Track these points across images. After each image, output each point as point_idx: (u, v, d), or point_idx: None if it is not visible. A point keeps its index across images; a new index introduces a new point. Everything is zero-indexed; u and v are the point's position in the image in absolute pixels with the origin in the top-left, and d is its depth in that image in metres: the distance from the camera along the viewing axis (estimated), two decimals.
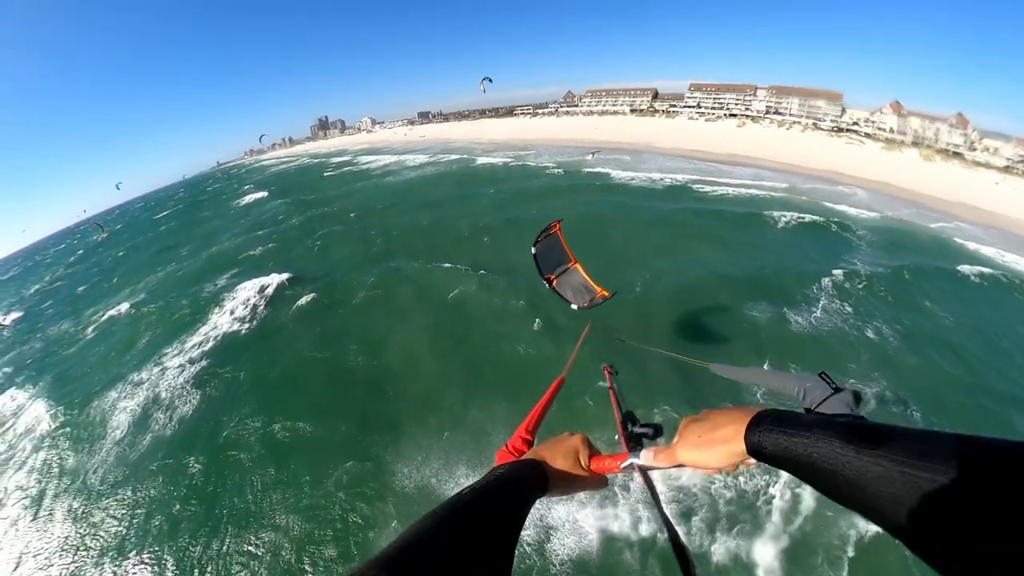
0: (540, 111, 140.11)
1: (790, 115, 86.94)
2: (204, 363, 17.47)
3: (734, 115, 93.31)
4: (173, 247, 42.39)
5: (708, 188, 37.92)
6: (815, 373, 1.75)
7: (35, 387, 20.11)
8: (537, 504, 1.15)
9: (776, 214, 28.48)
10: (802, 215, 28.59)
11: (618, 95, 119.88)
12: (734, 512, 9.29)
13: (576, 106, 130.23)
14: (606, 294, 9.27)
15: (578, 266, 9.92)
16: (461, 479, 10.57)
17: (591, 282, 9.56)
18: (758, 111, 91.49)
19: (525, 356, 14.60)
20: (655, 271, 19.98)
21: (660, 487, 9.64)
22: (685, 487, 9.73)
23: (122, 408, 16.48)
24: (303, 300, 20.37)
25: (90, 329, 25.78)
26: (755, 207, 31.12)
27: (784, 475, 9.49)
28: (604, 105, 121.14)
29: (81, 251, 71.86)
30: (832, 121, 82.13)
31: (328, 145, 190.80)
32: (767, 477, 9.84)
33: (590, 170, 46.51)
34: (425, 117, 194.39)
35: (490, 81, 61.83)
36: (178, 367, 17.68)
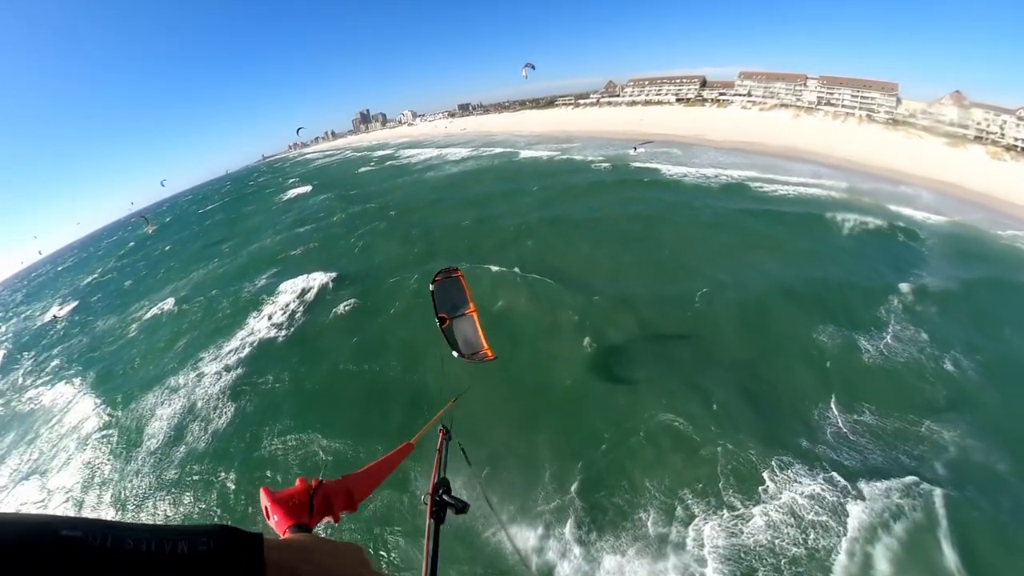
0: (581, 101, 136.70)
1: (842, 106, 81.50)
2: (240, 371, 16.79)
3: (785, 105, 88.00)
4: (216, 243, 42.86)
5: (766, 186, 35.09)
6: None
7: (82, 383, 20.52)
8: None
9: (839, 217, 25.84)
10: (865, 218, 25.76)
11: (663, 84, 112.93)
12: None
13: (618, 96, 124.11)
14: (489, 355, 8.51)
15: (474, 315, 8.99)
16: (503, 527, 9.34)
17: (482, 336, 8.75)
18: (809, 102, 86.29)
19: (575, 385, 13.11)
20: (713, 282, 18.08)
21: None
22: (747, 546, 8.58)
23: (159, 415, 16.14)
24: (342, 306, 19.43)
25: (134, 326, 25.98)
26: (816, 208, 28.52)
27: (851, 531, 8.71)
28: (648, 94, 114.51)
29: (132, 243, 74.71)
30: (886, 113, 75.77)
31: (370, 138, 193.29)
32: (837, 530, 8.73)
33: (639, 165, 44.13)
34: (465, 109, 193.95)
35: (533, 68, 59.63)
36: (214, 374, 17.08)
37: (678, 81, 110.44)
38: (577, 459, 10.81)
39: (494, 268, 19.92)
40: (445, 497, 1.78)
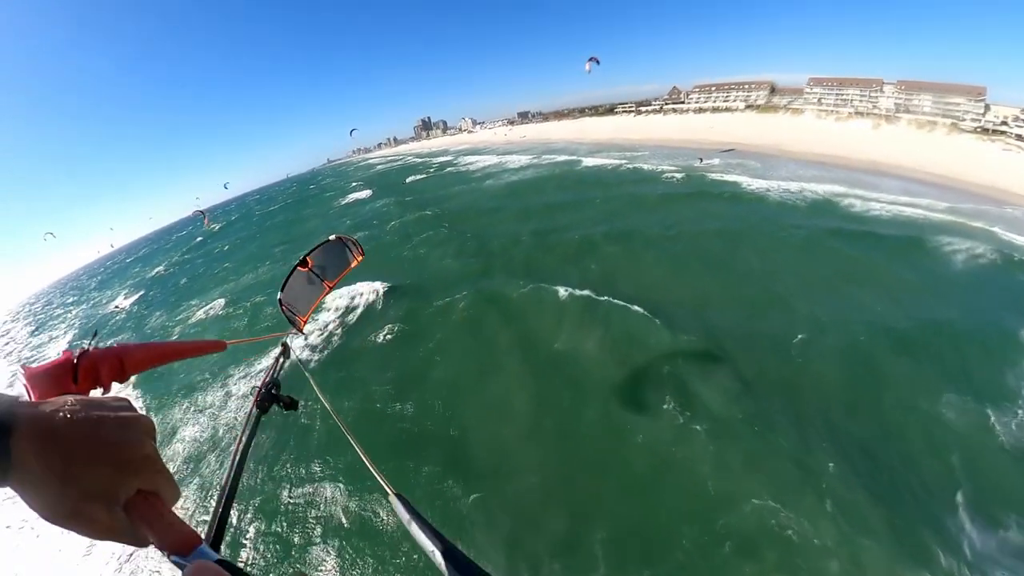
0: (643, 108, 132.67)
1: (922, 113, 73.53)
2: (303, 383, 15.01)
3: (861, 113, 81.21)
4: (272, 245, 42.95)
5: (857, 204, 30.75)
6: None
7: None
8: None
9: (944, 244, 21.59)
10: (974, 246, 21.21)
11: (730, 89, 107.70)
12: None
13: (682, 102, 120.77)
14: (302, 328, 5.66)
15: (326, 289, 6.20)
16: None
17: (311, 309, 5.98)
18: (887, 109, 79.05)
19: (651, 458, 10.21)
20: (811, 323, 14.80)
21: None
22: None
23: (181, 436, 14.88)
24: (382, 332, 17.38)
25: (178, 328, 25.44)
26: (915, 231, 24.25)
27: None
28: (715, 101, 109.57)
29: (199, 239, 77.90)
30: (973, 121, 67.20)
31: (431, 145, 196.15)
32: None
33: (716, 176, 40.30)
34: (525, 117, 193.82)
35: (597, 63, 56.12)
36: (241, 397, 15.46)
37: (746, 87, 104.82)
38: (644, 569, 8.05)
39: (559, 290, 17.32)
40: (274, 391, 1.90)
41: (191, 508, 11.53)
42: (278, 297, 5.30)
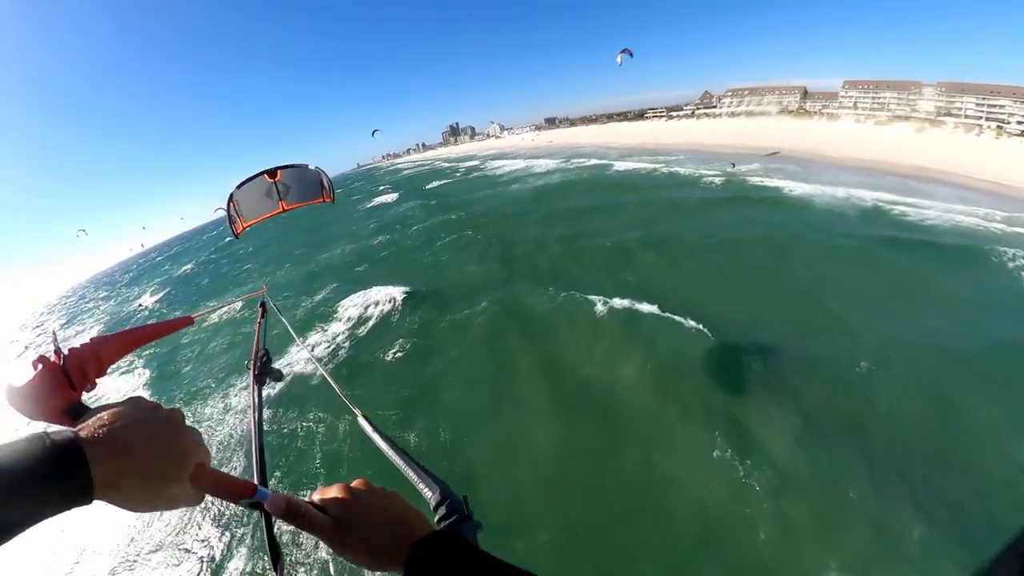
0: (674, 114, 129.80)
1: (965, 116, 69.54)
2: (265, 412, 13.70)
3: (901, 117, 77.31)
4: (294, 246, 42.73)
5: (909, 212, 28.22)
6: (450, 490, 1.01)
7: (141, 376, 21.11)
8: None
9: (1009, 255, 19.20)
10: None
11: (763, 94, 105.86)
12: None
13: (714, 107, 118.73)
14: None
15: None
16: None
17: (256, 218, 5.14)
18: (927, 112, 75.16)
19: (701, 513, 8.33)
20: (874, 345, 12.78)
21: None
22: None
23: None
24: (395, 342, 16.02)
25: (193, 328, 24.78)
26: (976, 241, 21.81)
27: None
28: (747, 105, 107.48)
29: (228, 239, 79.06)
30: (1019, 123, 63.75)
31: (458, 150, 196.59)
32: None
33: (758, 181, 37.91)
34: (552, 123, 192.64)
35: (631, 55, 53.48)
36: (239, 411, 14.38)
37: (779, 91, 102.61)
38: None
39: (593, 302, 15.60)
40: (267, 361, 1.91)
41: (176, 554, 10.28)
42: (230, 192, 4.65)
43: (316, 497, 0.83)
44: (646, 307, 14.85)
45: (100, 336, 1.08)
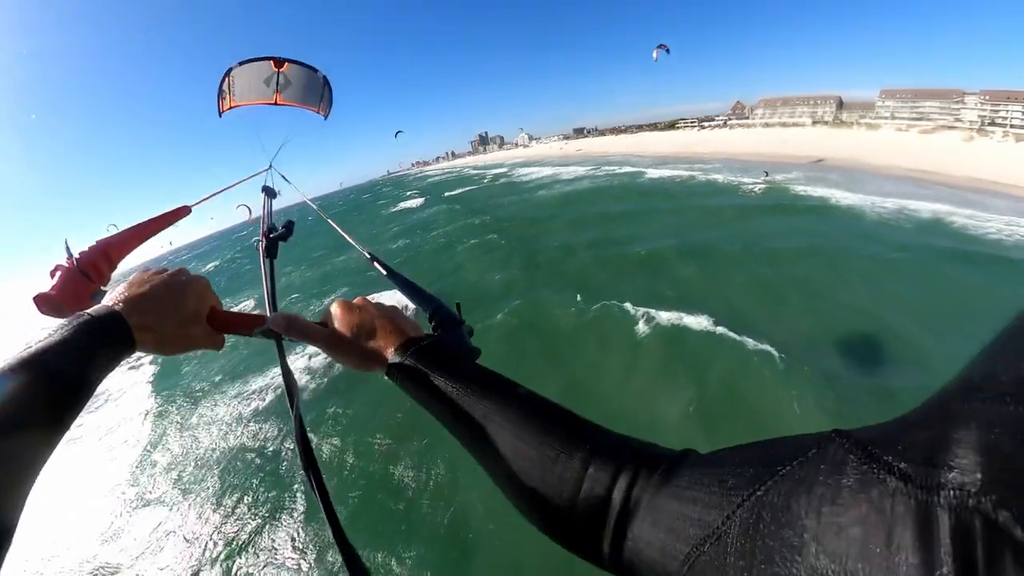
0: (706, 124, 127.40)
1: (1011, 126, 66.30)
2: (250, 427, 12.68)
3: (942, 126, 74.06)
4: (314, 248, 42.38)
5: (970, 224, 25.81)
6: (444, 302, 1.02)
7: (142, 371, 20.48)
8: None
9: None
10: None
11: (796, 104, 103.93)
12: None
13: (746, 118, 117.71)
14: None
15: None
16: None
17: (244, 101, 4.50)
18: (971, 121, 71.58)
19: None
20: (948, 373, 10.28)
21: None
22: None
23: (164, 446, 13.32)
24: None
25: None
26: None
27: None
28: (781, 116, 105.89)
29: (255, 239, 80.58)
30: None
31: (487, 159, 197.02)
32: None
33: (801, 190, 35.61)
34: (580, 132, 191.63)
35: (667, 51, 51.31)
36: (226, 423, 13.21)
37: (813, 102, 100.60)
38: None
39: (631, 313, 13.82)
40: (273, 235, 1.85)
41: None
42: (229, 66, 4.30)
43: (323, 316, 0.88)
44: (692, 322, 12.92)
45: (104, 237, 1.15)
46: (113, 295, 0.80)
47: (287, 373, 0.92)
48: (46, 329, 0.67)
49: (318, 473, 0.71)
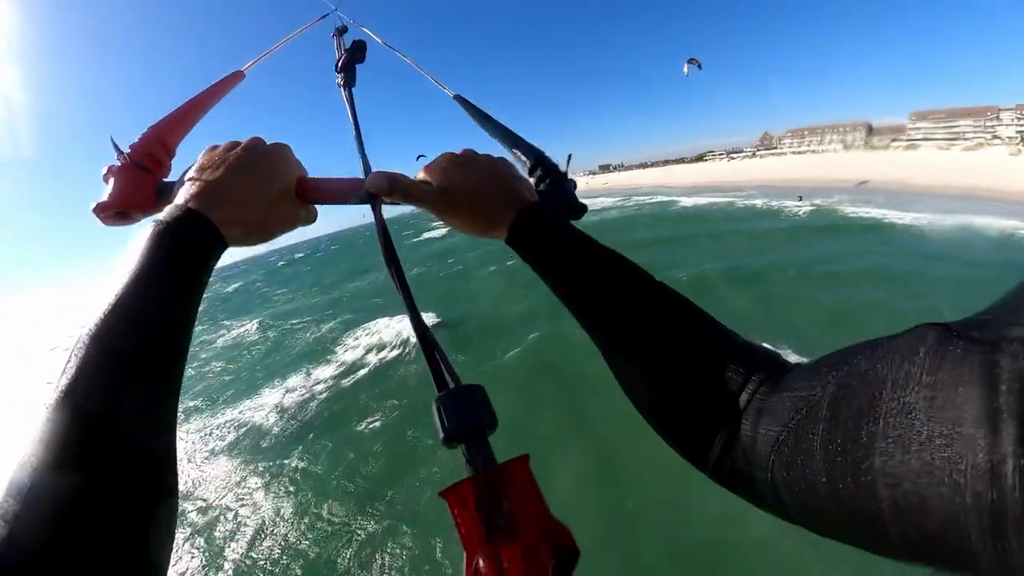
0: (734, 155, 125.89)
1: None
2: (237, 460, 11.41)
3: (991, 142, 70.97)
4: (326, 275, 42.39)
5: None
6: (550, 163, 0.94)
7: None
8: None
9: None
10: None
11: (824, 132, 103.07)
12: None
13: (774, 148, 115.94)
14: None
15: None
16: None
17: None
18: (1008, 137, 69.97)
19: None
20: None
21: None
22: None
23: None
24: (393, 395, 12.55)
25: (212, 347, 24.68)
26: None
27: None
28: (810, 145, 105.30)
29: (282, 263, 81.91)
30: None
31: None
32: None
33: (851, 211, 32.88)
34: (606, 169, 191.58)
35: (699, 67, 49.10)
36: (211, 446, 12.41)
37: (840, 130, 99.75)
38: None
39: None
40: (342, 61, 1.52)
41: None
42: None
43: (421, 175, 0.79)
44: None
45: (154, 123, 0.96)
46: (185, 190, 0.66)
47: (386, 236, 0.77)
48: (125, 258, 0.56)
49: (399, 267, 0.70)
